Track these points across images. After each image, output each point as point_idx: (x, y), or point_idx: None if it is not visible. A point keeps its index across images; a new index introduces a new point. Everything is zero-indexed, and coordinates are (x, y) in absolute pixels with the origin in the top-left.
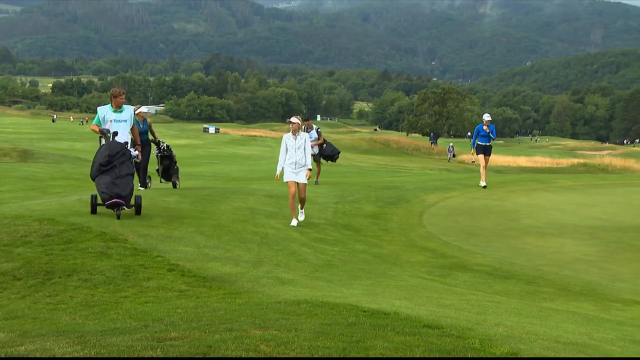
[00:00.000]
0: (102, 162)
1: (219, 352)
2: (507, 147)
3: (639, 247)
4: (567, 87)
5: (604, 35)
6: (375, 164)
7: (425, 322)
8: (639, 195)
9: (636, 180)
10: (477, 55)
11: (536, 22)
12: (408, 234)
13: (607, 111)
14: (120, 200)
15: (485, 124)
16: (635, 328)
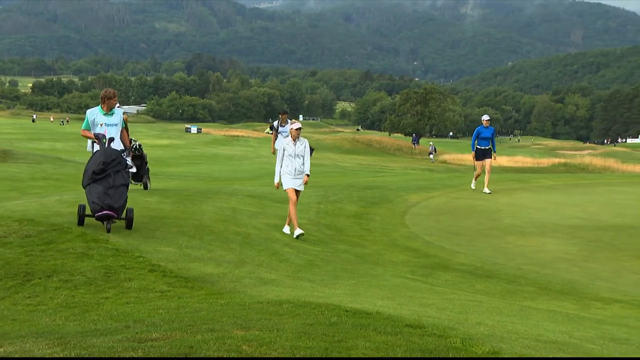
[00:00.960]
0: (95, 169)
1: (201, 352)
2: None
3: (618, 246)
4: (548, 87)
5: (584, 35)
6: (357, 164)
7: (407, 322)
8: (619, 194)
9: (616, 179)
10: (459, 55)
11: (517, 23)
12: (390, 234)
13: (587, 111)
14: (111, 213)
15: (485, 125)
16: (615, 326)
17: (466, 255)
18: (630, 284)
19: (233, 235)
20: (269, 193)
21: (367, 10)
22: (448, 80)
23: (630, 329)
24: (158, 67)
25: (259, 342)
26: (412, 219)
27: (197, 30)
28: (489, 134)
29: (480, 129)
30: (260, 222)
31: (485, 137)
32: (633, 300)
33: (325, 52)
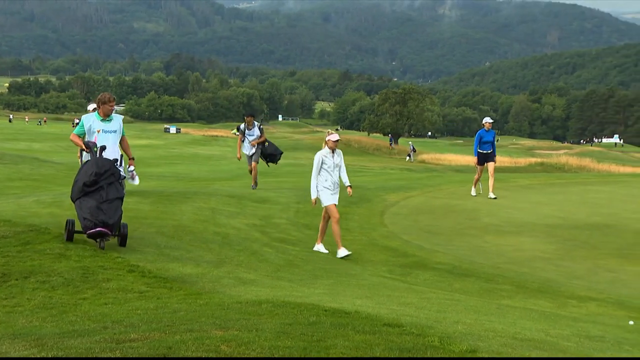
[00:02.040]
0: (87, 181)
1: (179, 353)
2: (467, 147)
3: (594, 244)
4: (525, 88)
5: (560, 36)
6: None
7: (385, 321)
8: (595, 193)
9: (592, 179)
10: (437, 55)
11: (494, 24)
12: (369, 233)
13: (564, 111)
14: (105, 230)
15: (487, 128)
16: (590, 324)
17: (444, 255)
18: (606, 282)
19: (212, 236)
20: (248, 193)
21: (345, 11)
22: (426, 80)
23: (605, 327)
24: (136, 67)
25: (237, 342)
26: (391, 218)
27: (175, 30)
28: (491, 138)
29: (482, 132)
30: (240, 222)
31: (487, 141)
32: (608, 298)
33: (304, 52)
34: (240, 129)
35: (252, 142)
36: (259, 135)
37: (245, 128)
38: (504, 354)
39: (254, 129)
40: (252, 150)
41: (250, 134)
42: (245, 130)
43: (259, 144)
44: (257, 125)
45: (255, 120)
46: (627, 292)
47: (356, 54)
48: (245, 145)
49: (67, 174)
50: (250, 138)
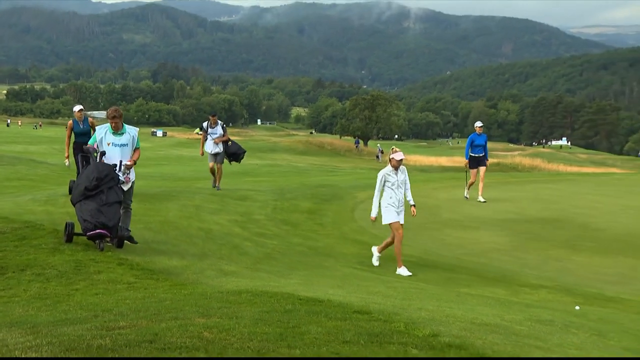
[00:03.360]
0: (88, 185)
1: (165, 339)
2: (430, 149)
3: (544, 237)
4: (482, 94)
5: (513, 48)
6: (310, 164)
7: (355, 308)
8: (545, 190)
9: (543, 177)
10: (403, 65)
11: (454, 36)
12: (341, 228)
13: (517, 116)
14: (105, 232)
15: (479, 132)
16: (541, 309)
17: (410, 247)
18: (555, 271)
19: (196, 231)
20: (229, 191)
21: (318, 24)
22: (393, 87)
23: (554, 312)
24: (125, 76)
25: (219, 328)
26: (361, 214)
27: (161, 41)
28: (483, 141)
29: (474, 136)
30: (222, 219)
31: (478, 145)
32: (557, 285)
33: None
34: (204, 127)
35: (215, 140)
36: (222, 134)
37: (208, 126)
38: (463, 338)
39: (217, 127)
40: (215, 149)
41: (214, 132)
42: (209, 129)
43: (223, 143)
44: (220, 124)
45: (218, 120)
46: (573, 280)
47: (328, 63)
48: (209, 143)
49: (61, 175)
50: (213, 136)
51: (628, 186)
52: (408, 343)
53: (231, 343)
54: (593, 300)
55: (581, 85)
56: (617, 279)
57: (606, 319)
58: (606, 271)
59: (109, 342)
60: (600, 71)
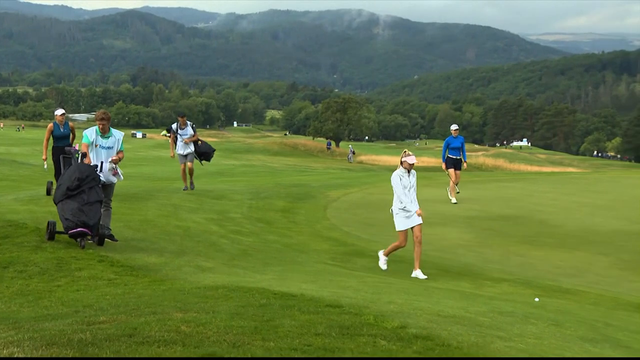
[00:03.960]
0: (70, 185)
1: (144, 333)
2: (399, 149)
3: (506, 233)
4: (448, 98)
5: (477, 53)
6: (285, 164)
7: (327, 302)
8: (507, 189)
9: (505, 176)
10: (372, 69)
11: (421, 42)
12: (314, 226)
13: (481, 118)
14: (86, 230)
15: (455, 134)
16: (503, 302)
17: (379, 243)
18: (516, 266)
19: (174, 229)
20: (206, 191)
21: (292, 30)
22: (363, 91)
23: (515, 303)
24: (106, 80)
25: (196, 322)
26: (333, 212)
27: (141, 47)
28: (459, 144)
29: (450, 139)
30: (199, 217)
31: (455, 147)
32: (518, 279)
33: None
34: (173, 129)
35: (185, 140)
36: (192, 134)
37: (177, 127)
38: (429, 329)
39: (186, 128)
40: (186, 150)
41: (184, 133)
42: (178, 130)
43: (193, 143)
44: (189, 124)
45: (187, 121)
46: (533, 273)
47: (302, 68)
48: (179, 144)
49: (43, 175)
50: (183, 136)
51: (584, 185)
52: (377, 335)
53: (208, 336)
54: (551, 292)
55: (540, 89)
56: (573, 272)
57: (563, 309)
58: (563, 265)
59: (89, 336)
60: (558, 76)
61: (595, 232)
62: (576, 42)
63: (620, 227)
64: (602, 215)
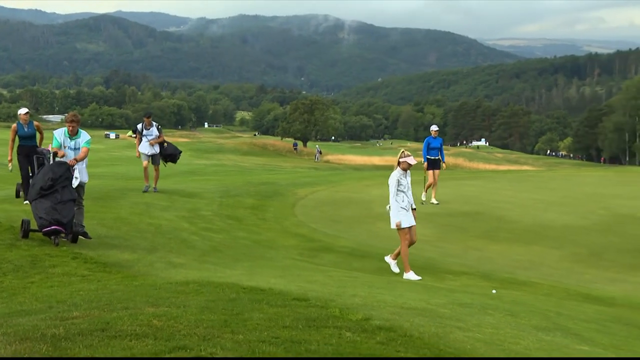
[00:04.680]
0: (43, 185)
1: (116, 327)
2: (363, 149)
3: (465, 228)
4: (410, 99)
5: (437, 57)
6: (254, 163)
7: (294, 296)
8: (466, 187)
9: (464, 175)
10: (338, 72)
11: (384, 46)
12: (282, 222)
13: (442, 119)
14: (59, 228)
15: (434, 135)
16: (462, 294)
17: (345, 239)
18: (474, 259)
19: (146, 226)
20: (177, 190)
21: (260, 34)
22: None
23: (473, 295)
24: (80, 82)
25: (167, 317)
26: (301, 209)
27: (114, 50)
28: (438, 144)
29: (430, 139)
30: (171, 215)
31: (434, 147)
32: (476, 272)
33: (226, 69)
34: (138, 129)
35: (150, 142)
36: (157, 135)
37: (143, 128)
38: (392, 321)
39: (152, 129)
40: (150, 150)
41: (149, 134)
42: (144, 130)
43: (159, 144)
44: (155, 125)
45: (153, 121)
46: (491, 266)
47: (270, 71)
48: (144, 144)
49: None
50: (149, 137)
51: (538, 182)
52: (342, 327)
53: (179, 330)
54: (507, 285)
55: (497, 91)
56: (528, 265)
57: (518, 300)
58: (519, 258)
59: (62, 331)
60: (513, 79)
61: (548, 227)
62: (530, 47)
63: (572, 222)
64: (555, 211)
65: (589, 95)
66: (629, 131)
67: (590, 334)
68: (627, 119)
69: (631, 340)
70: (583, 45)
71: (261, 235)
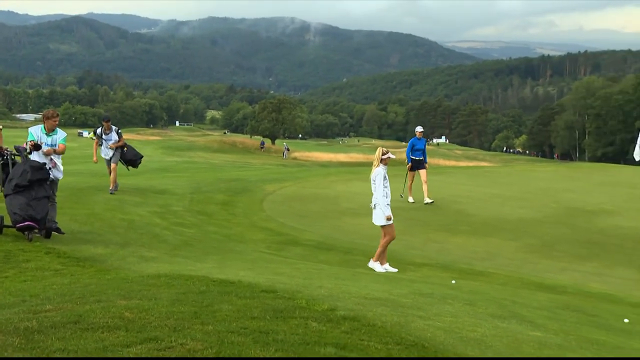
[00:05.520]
0: (18, 182)
1: (88, 320)
2: (329, 146)
3: (426, 222)
4: (374, 99)
5: (400, 59)
6: (224, 160)
7: (262, 288)
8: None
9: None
10: (305, 73)
11: (349, 48)
12: (251, 217)
13: (404, 117)
14: (33, 224)
15: (419, 136)
16: (423, 284)
17: (312, 233)
18: (435, 251)
19: (119, 222)
20: (150, 186)
21: (230, 36)
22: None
23: (433, 286)
24: (53, 82)
25: (139, 309)
26: (269, 204)
27: (86, 51)
28: (422, 145)
29: (414, 140)
30: (143, 210)
31: (418, 149)
32: (436, 263)
33: (196, 70)
34: (97, 133)
35: (110, 146)
36: (116, 140)
37: (102, 132)
38: (356, 311)
39: (111, 133)
40: (110, 154)
41: (108, 138)
42: (103, 135)
43: (118, 148)
44: (114, 129)
45: (112, 125)
46: (450, 258)
47: (239, 71)
48: (103, 149)
49: None
50: (108, 142)
51: (495, 177)
52: (309, 317)
53: (150, 322)
54: (466, 275)
55: (456, 91)
56: (485, 256)
57: (476, 290)
58: (477, 250)
59: (35, 324)
60: (472, 79)
61: (505, 220)
62: (487, 49)
63: (526, 216)
64: (511, 205)
65: (542, 95)
66: (578, 129)
67: (542, 320)
68: (577, 118)
69: (580, 325)
70: (536, 47)
71: (231, 230)
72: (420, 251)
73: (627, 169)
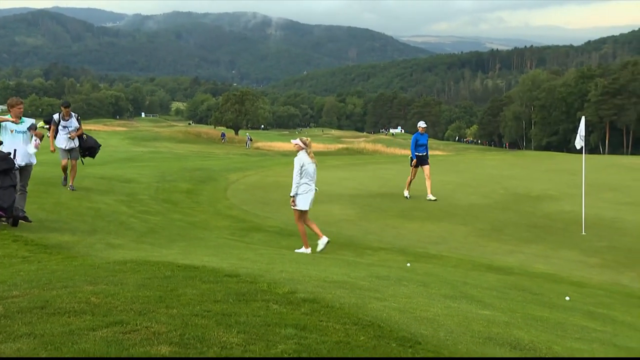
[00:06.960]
0: None
1: (55, 305)
2: (291, 136)
3: (383, 208)
4: (334, 91)
5: (358, 52)
6: (189, 150)
7: (226, 272)
8: (384, 170)
9: (382, 159)
10: (267, 66)
11: (309, 42)
12: (215, 205)
13: (362, 109)
14: (0, 212)
15: (422, 132)
16: (380, 267)
17: (274, 220)
18: (391, 236)
19: (86, 210)
20: (116, 175)
21: (194, 30)
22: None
23: (390, 269)
24: (19, 74)
25: (105, 294)
26: (232, 193)
27: (52, 44)
28: (425, 141)
29: (417, 135)
30: (110, 199)
31: (422, 144)
32: (393, 248)
33: (161, 63)
34: (55, 120)
35: (71, 135)
36: (77, 127)
37: (60, 119)
38: (315, 293)
39: (71, 119)
40: (69, 144)
41: (68, 125)
42: (61, 121)
43: (78, 137)
44: (75, 116)
45: (72, 112)
46: (406, 242)
47: (203, 64)
48: (61, 137)
49: None
50: (68, 129)
51: (448, 165)
52: (270, 300)
53: (115, 306)
54: (420, 258)
55: (411, 83)
56: (439, 240)
57: (430, 272)
58: (431, 234)
59: (1, 309)
60: (426, 72)
61: (456, 206)
62: (440, 43)
63: (476, 202)
64: (463, 191)
65: (492, 87)
66: (525, 119)
67: (491, 300)
68: (524, 109)
69: (525, 304)
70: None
71: (195, 217)
72: (377, 236)
73: (569, 156)
